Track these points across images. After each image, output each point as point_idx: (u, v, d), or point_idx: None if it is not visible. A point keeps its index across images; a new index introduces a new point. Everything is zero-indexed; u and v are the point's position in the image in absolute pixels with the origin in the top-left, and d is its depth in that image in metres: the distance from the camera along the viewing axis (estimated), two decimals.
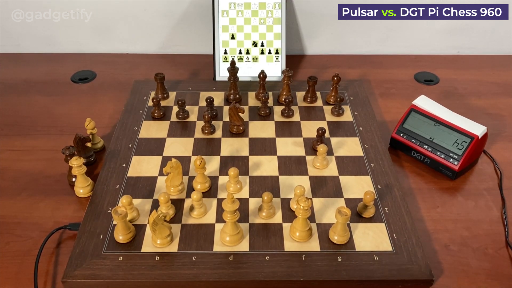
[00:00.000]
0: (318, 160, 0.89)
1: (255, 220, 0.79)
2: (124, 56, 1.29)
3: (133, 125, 1.00)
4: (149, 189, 0.85)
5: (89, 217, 0.79)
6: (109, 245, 0.74)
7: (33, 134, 1.01)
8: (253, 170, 0.89)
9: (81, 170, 0.82)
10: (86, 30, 1.26)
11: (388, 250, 0.74)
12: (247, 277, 0.70)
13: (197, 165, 0.81)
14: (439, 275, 0.73)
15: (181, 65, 1.25)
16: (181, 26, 1.26)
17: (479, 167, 0.93)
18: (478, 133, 0.87)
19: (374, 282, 0.70)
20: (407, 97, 1.08)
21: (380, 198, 0.83)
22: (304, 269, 0.71)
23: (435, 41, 1.29)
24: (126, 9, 1.23)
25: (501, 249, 0.77)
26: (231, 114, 0.96)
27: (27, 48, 1.29)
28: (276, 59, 1.15)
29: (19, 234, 0.79)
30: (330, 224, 0.77)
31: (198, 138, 0.97)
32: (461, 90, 1.16)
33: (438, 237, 0.79)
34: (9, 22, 1.24)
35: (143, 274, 0.70)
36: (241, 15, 1.13)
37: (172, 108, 1.05)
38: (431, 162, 0.91)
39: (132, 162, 0.90)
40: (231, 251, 0.74)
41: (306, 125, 1.00)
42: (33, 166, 0.92)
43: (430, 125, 0.92)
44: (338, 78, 1.04)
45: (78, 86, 1.17)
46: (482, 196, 0.87)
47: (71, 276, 0.70)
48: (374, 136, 0.97)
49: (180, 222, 0.78)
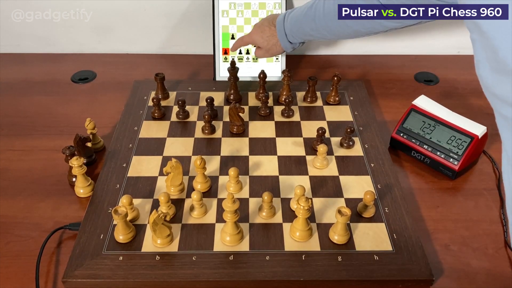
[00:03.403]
0: (318, 160, 0.89)
1: (255, 220, 0.79)
2: (124, 56, 1.29)
3: (133, 125, 1.00)
4: (149, 189, 0.85)
5: (89, 217, 0.79)
6: (109, 245, 0.74)
7: (33, 134, 1.01)
8: (253, 170, 0.89)
9: (81, 170, 0.82)
10: (86, 30, 1.26)
11: (388, 250, 0.74)
12: (247, 277, 0.70)
13: (197, 165, 0.81)
14: (439, 275, 0.73)
15: (181, 65, 1.25)
16: (181, 26, 1.26)
17: (479, 167, 0.93)
18: (478, 133, 0.87)
19: (374, 282, 0.71)
20: (407, 97, 1.08)
21: (380, 198, 0.83)
22: (304, 269, 0.71)
23: (435, 41, 1.29)
24: (126, 9, 1.23)
25: (501, 249, 0.77)
26: (231, 114, 0.96)
27: (27, 48, 1.29)
28: (276, 59, 1.15)
29: (19, 234, 0.79)
30: (330, 224, 0.77)
31: (198, 138, 0.97)
32: (461, 90, 1.16)
33: (438, 237, 0.79)
34: (9, 22, 1.24)
35: (143, 274, 0.70)
36: (241, 15, 1.13)
37: (172, 108, 1.05)
38: (431, 162, 0.91)
39: (132, 162, 0.90)
40: (231, 251, 0.74)
41: (306, 125, 1.00)
42: (33, 166, 0.92)
43: (430, 125, 0.92)
44: (338, 78, 1.04)
45: (78, 86, 1.17)
46: (482, 196, 0.87)
47: (71, 276, 0.70)
48: (374, 136, 0.97)
49: (180, 222, 0.78)
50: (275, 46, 0.99)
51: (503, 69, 0.48)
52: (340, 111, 1.05)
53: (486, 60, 0.51)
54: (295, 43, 0.98)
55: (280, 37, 0.96)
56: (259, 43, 1.00)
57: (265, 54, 1.02)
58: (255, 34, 1.00)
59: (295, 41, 0.97)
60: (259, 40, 1.00)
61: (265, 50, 1.01)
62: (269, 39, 0.98)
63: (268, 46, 0.99)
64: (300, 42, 0.98)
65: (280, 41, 0.97)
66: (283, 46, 0.98)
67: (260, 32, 0.99)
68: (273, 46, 0.99)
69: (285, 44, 0.97)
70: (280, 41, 0.97)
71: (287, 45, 0.97)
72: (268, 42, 0.99)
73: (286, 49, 0.99)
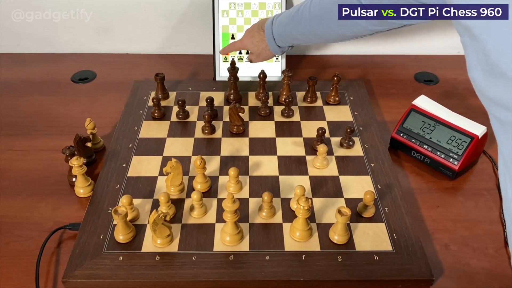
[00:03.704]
0: (318, 160, 0.89)
1: (255, 220, 0.79)
2: (124, 56, 1.29)
3: (133, 125, 1.00)
4: (149, 189, 0.85)
5: (89, 217, 0.79)
6: (109, 245, 0.74)
7: (33, 134, 1.01)
8: (253, 170, 0.89)
9: (81, 170, 0.82)
10: (86, 30, 1.26)
11: (388, 250, 0.74)
12: (247, 277, 0.70)
13: (197, 165, 0.81)
14: (439, 275, 0.73)
15: (181, 65, 1.25)
16: (181, 26, 1.26)
17: (479, 167, 0.93)
18: (478, 133, 0.87)
19: (374, 282, 0.71)
20: (407, 97, 1.08)
21: (380, 198, 0.83)
22: (304, 269, 0.71)
23: (435, 41, 1.29)
24: (126, 9, 1.23)
25: (501, 249, 0.77)
26: (231, 114, 0.96)
27: (27, 48, 1.29)
28: (276, 59, 1.15)
29: (19, 234, 0.79)
30: (330, 224, 0.77)
31: (198, 138, 0.97)
32: (461, 90, 1.16)
33: (438, 237, 0.79)
34: (9, 22, 1.24)
35: (143, 274, 0.70)
36: (241, 15, 1.13)
37: (172, 108, 1.05)
38: (431, 162, 0.91)
39: (132, 162, 0.90)
40: (231, 251, 0.74)
41: (306, 125, 1.00)
42: (33, 166, 0.92)
43: (430, 125, 0.92)
44: (338, 78, 1.04)
45: (78, 86, 1.17)
46: (482, 196, 0.87)
47: (71, 276, 0.70)
48: (374, 136, 0.97)
49: (180, 222, 0.78)
50: (265, 50, 0.99)
51: (495, 72, 0.48)
52: (340, 111, 1.05)
53: (478, 63, 0.51)
54: (284, 46, 0.98)
55: (269, 42, 0.96)
56: (249, 48, 1.01)
57: (256, 58, 1.03)
58: (245, 39, 1.01)
59: (283, 45, 0.97)
60: (250, 45, 1.00)
61: (256, 55, 1.01)
62: (258, 44, 0.99)
63: (258, 51, 1.00)
64: (289, 46, 0.98)
65: (269, 46, 0.97)
66: (272, 50, 0.98)
67: (250, 37, 1.00)
68: (263, 50, 0.99)
69: (274, 48, 0.97)
70: (269, 46, 0.97)
71: (276, 49, 0.97)
72: (257, 47, 0.99)
73: (275, 52, 0.99)
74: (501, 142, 0.54)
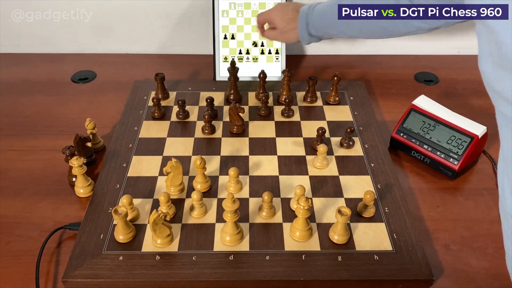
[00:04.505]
0: (318, 160, 0.89)
1: (255, 220, 0.79)
2: (124, 56, 1.29)
3: (133, 125, 1.00)
4: (149, 189, 0.85)
5: (90, 217, 0.79)
6: (110, 245, 0.74)
7: (33, 134, 1.01)
8: (253, 170, 0.89)
9: (81, 170, 0.82)
10: (86, 30, 1.26)
11: (388, 249, 0.74)
12: (247, 277, 0.70)
13: (197, 165, 0.81)
14: (439, 275, 0.73)
15: (181, 65, 1.25)
16: (181, 26, 1.26)
17: (479, 167, 0.93)
18: (478, 133, 0.87)
19: (374, 281, 0.71)
20: (407, 97, 1.08)
21: (380, 198, 0.83)
22: (304, 269, 0.71)
23: (435, 41, 1.29)
24: (126, 9, 1.23)
25: (501, 249, 0.77)
26: (231, 114, 0.96)
27: (27, 48, 1.29)
28: (276, 59, 1.15)
29: (19, 234, 0.79)
30: (330, 224, 0.77)
31: (198, 138, 0.97)
32: (461, 90, 1.16)
33: (438, 237, 0.79)
34: (9, 22, 1.24)
35: (143, 274, 0.70)
36: (241, 15, 1.13)
37: (172, 108, 1.05)
38: (431, 162, 0.91)
39: (132, 162, 0.90)
40: (231, 250, 0.74)
41: (306, 125, 1.00)
42: (33, 166, 0.92)
43: (430, 125, 0.92)
44: (338, 78, 1.04)
45: (78, 86, 1.17)
46: (482, 196, 0.87)
47: (71, 276, 0.70)
48: (374, 136, 0.97)
49: (180, 222, 0.78)
50: (292, 31, 0.95)
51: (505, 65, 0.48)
52: (340, 111, 1.05)
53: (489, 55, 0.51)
54: (314, 36, 0.94)
55: (301, 26, 0.93)
56: (276, 22, 0.96)
57: (277, 36, 0.98)
58: (275, 12, 0.96)
59: (316, 34, 0.93)
60: (277, 20, 0.95)
61: (280, 32, 0.97)
62: (289, 22, 0.94)
63: (285, 29, 0.95)
64: (319, 38, 0.95)
65: (299, 30, 0.93)
66: (300, 36, 0.94)
67: (282, 12, 0.95)
68: (290, 30, 0.95)
69: (303, 34, 0.94)
70: (299, 30, 0.93)
71: (305, 36, 0.94)
72: (286, 24, 0.94)
73: (302, 39, 0.95)
74: (503, 137, 0.54)
